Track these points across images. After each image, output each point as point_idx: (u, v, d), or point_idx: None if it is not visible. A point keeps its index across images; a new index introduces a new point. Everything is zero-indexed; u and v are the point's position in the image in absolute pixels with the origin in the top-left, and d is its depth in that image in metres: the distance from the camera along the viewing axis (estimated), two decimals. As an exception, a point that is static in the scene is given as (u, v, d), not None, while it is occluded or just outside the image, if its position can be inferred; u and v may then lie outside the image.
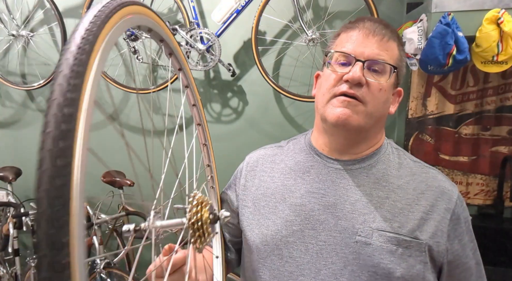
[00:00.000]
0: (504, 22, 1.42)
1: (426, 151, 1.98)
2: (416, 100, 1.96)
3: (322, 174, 0.81)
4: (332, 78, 0.76)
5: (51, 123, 0.30)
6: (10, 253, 2.20)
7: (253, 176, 0.90)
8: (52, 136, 0.30)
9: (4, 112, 2.59)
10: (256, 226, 0.84)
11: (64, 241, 0.28)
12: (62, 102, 0.30)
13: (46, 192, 0.28)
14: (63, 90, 0.31)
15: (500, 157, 1.86)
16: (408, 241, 0.73)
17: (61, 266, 0.28)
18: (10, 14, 2.29)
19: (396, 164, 0.81)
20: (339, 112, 0.73)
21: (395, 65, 0.76)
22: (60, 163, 0.29)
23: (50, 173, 0.28)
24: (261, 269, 0.82)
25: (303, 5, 1.96)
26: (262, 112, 2.18)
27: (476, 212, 1.95)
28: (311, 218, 0.78)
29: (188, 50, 2.01)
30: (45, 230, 0.27)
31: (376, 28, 0.75)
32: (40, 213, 0.28)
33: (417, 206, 0.76)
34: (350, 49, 0.74)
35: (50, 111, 0.30)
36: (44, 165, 0.29)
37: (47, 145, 0.29)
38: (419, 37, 1.56)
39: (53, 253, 0.27)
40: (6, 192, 2.41)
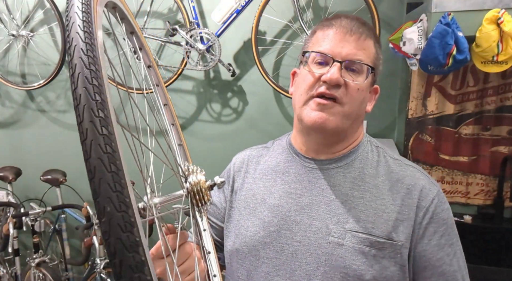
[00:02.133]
0: (504, 22, 1.42)
1: (426, 151, 1.98)
2: (416, 100, 1.96)
3: (300, 174, 0.81)
4: (309, 79, 0.75)
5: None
6: (10, 253, 2.20)
7: (238, 177, 0.90)
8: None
9: (4, 112, 2.59)
10: (237, 228, 0.84)
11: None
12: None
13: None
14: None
15: (500, 157, 1.86)
16: (382, 242, 0.72)
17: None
18: (10, 14, 2.29)
19: (374, 163, 0.80)
20: (316, 116, 0.73)
21: (372, 64, 0.75)
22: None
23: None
24: (239, 269, 0.82)
25: (303, 5, 1.96)
26: (262, 112, 2.18)
27: (476, 212, 1.95)
28: (288, 218, 0.78)
29: (188, 50, 2.01)
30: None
31: (353, 26, 0.73)
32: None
33: (392, 206, 0.75)
34: (327, 49, 0.73)
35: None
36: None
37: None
38: (419, 37, 1.56)
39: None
40: (6, 192, 2.41)
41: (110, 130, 0.32)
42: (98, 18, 0.39)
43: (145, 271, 0.31)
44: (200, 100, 2.28)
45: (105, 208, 0.31)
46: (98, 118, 0.32)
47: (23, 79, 2.50)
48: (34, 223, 2.17)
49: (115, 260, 0.30)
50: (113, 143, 0.32)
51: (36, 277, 2.17)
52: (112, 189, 0.31)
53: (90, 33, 0.35)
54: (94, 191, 0.31)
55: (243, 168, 0.91)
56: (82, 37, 0.35)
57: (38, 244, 2.20)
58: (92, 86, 0.33)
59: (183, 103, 2.29)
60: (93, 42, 0.35)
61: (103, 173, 0.31)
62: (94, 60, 0.34)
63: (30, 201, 2.46)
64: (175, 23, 2.09)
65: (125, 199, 0.31)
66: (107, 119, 0.33)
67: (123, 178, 0.32)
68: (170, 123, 0.78)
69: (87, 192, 2.35)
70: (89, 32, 0.36)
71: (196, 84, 2.26)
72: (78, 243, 2.57)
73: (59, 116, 2.49)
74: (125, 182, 0.32)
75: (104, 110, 0.33)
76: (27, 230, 2.20)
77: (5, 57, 2.49)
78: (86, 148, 0.31)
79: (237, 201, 0.88)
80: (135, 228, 0.32)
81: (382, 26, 1.79)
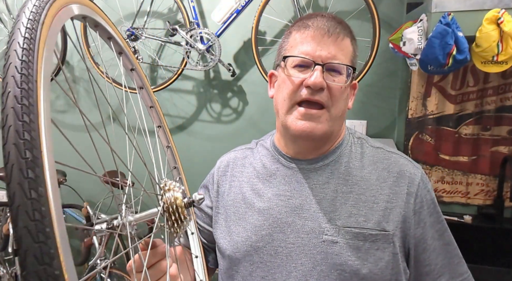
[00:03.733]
0: (504, 22, 1.42)
1: (426, 151, 1.98)
2: (416, 100, 1.96)
3: (288, 176, 0.81)
4: (290, 84, 0.74)
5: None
6: (10, 253, 2.20)
7: (224, 181, 0.89)
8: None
9: (4, 112, 2.59)
10: (228, 234, 0.83)
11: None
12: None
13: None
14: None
15: (500, 157, 1.86)
16: (375, 234, 0.73)
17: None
18: (10, 14, 2.29)
19: (358, 155, 0.81)
20: (303, 125, 0.73)
21: (352, 63, 0.75)
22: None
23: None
24: (235, 275, 0.81)
25: (303, 5, 1.96)
26: (262, 112, 2.18)
27: (476, 212, 1.95)
28: (279, 221, 0.78)
29: (188, 50, 2.01)
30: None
31: (330, 26, 0.73)
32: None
33: (381, 195, 0.75)
34: (306, 52, 0.72)
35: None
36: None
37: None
38: (419, 37, 1.56)
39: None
40: (6, 192, 2.41)
41: (40, 192, 0.29)
42: (44, 53, 0.35)
43: None
44: (200, 100, 2.28)
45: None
46: (27, 179, 0.29)
47: (23, 79, 2.50)
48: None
49: None
50: (42, 207, 0.29)
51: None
52: (39, 262, 0.28)
53: (28, 76, 0.32)
54: (20, 264, 0.28)
55: (228, 172, 0.89)
56: (18, 82, 0.31)
57: (38, 244, 2.20)
58: (23, 141, 0.29)
59: (183, 103, 2.29)
60: (30, 87, 0.32)
61: (30, 244, 0.28)
62: (29, 109, 0.31)
63: (30, 201, 2.45)
64: (175, 23, 2.09)
65: (53, 272, 0.28)
66: (37, 179, 0.29)
67: (53, 247, 0.28)
68: (157, 126, 0.76)
69: (87, 192, 2.35)
70: (27, 74, 0.32)
71: (196, 84, 2.26)
72: (77, 243, 2.57)
73: (58, 116, 2.49)
74: (56, 251, 0.29)
75: (35, 169, 0.29)
76: (27, 230, 2.20)
77: (5, 57, 2.48)
78: (12, 214, 0.29)
79: (224, 206, 0.86)
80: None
81: (382, 26, 1.79)
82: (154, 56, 2.24)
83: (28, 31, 0.34)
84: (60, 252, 0.29)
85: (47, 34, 0.36)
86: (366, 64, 1.81)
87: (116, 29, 0.60)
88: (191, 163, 1.68)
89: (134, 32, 2.06)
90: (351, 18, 1.93)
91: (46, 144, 0.31)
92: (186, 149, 2.30)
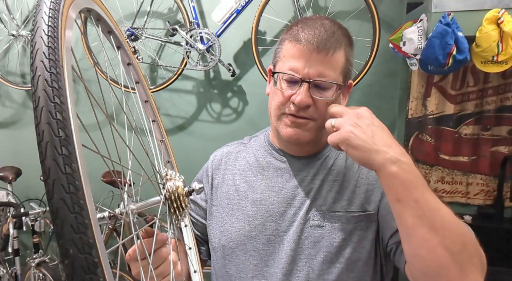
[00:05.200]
0: (504, 22, 1.42)
1: (426, 151, 1.98)
2: (416, 100, 1.95)
3: (280, 169, 0.86)
4: (280, 96, 0.78)
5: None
6: (10, 253, 2.20)
7: (218, 175, 0.93)
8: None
9: (4, 112, 2.59)
10: (221, 224, 0.87)
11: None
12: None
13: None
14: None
15: (500, 157, 1.86)
16: (357, 216, 0.78)
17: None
18: (10, 14, 2.29)
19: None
20: (290, 132, 0.78)
21: (340, 75, 0.77)
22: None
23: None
24: (228, 265, 0.85)
25: (303, 5, 1.96)
26: (262, 112, 2.18)
27: (476, 212, 1.95)
28: (272, 211, 0.82)
29: (188, 50, 2.01)
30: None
31: (320, 42, 0.73)
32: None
33: (362, 179, 0.81)
34: (295, 68, 0.75)
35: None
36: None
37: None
38: (419, 37, 1.56)
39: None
40: (6, 192, 2.41)
41: (73, 167, 0.31)
42: (65, 38, 0.38)
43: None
44: (200, 100, 2.28)
45: (68, 250, 0.30)
46: (61, 156, 0.31)
47: (23, 79, 2.50)
48: (34, 223, 2.16)
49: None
50: (76, 181, 0.31)
51: (36, 277, 2.17)
52: (75, 231, 0.30)
53: (56, 61, 0.34)
54: (57, 233, 0.30)
55: (221, 165, 0.94)
56: (47, 66, 0.33)
57: (38, 244, 2.20)
58: (56, 121, 0.32)
59: (183, 103, 2.29)
60: (58, 71, 0.34)
61: (65, 214, 0.30)
62: (59, 92, 0.33)
63: (30, 201, 2.46)
64: (175, 23, 2.09)
65: (88, 240, 0.30)
66: (71, 156, 0.31)
67: (86, 218, 0.31)
68: (151, 120, 0.78)
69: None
70: (55, 59, 0.34)
71: (196, 84, 2.26)
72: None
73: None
74: (89, 221, 0.31)
75: (68, 146, 0.31)
76: (27, 230, 2.20)
77: (5, 57, 2.49)
78: (48, 188, 0.30)
79: (218, 198, 0.90)
80: (99, 269, 0.30)
81: (382, 26, 1.79)
82: (154, 56, 2.24)
83: (51, 20, 0.36)
84: (92, 223, 0.31)
85: (66, 24, 0.38)
86: (366, 64, 1.81)
87: (116, 23, 0.62)
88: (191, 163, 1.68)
89: (134, 32, 2.06)
90: (351, 18, 1.93)
91: (74, 125, 0.33)
92: (186, 149, 2.30)
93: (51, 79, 0.33)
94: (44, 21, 0.36)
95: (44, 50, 0.34)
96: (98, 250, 0.31)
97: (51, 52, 0.34)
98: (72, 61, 0.38)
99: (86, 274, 0.29)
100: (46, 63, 0.33)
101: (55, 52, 0.35)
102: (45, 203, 2.30)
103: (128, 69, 0.71)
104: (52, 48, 0.34)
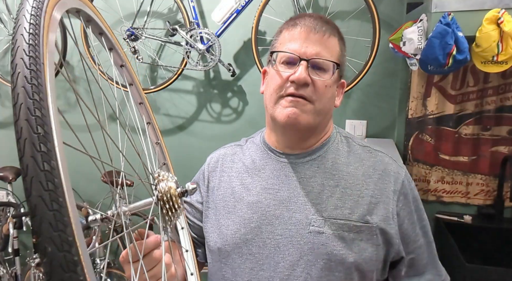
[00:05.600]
0: (504, 22, 1.42)
1: (426, 151, 1.98)
2: (416, 100, 1.96)
3: (276, 170, 0.84)
4: (278, 79, 0.77)
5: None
6: (10, 253, 2.20)
7: (214, 177, 0.92)
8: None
9: (4, 112, 2.59)
10: (217, 227, 0.86)
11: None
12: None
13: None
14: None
15: (500, 157, 1.86)
16: (359, 226, 0.76)
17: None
18: (10, 14, 2.29)
19: (345, 152, 0.84)
20: (289, 111, 0.75)
21: (337, 61, 0.78)
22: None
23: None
24: (224, 268, 0.84)
25: (303, 5, 1.96)
26: (262, 112, 2.18)
27: (476, 212, 1.95)
28: (267, 213, 0.81)
29: (188, 50, 2.01)
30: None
31: (317, 25, 0.76)
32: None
33: (366, 190, 0.79)
34: (293, 48, 0.76)
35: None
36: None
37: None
38: (419, 37, 1.56)
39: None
40: (6, 192, 2.41)
41: (52, 164, 0.31)
42: (49, 35, 0.37)
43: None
44: (200, 100, 2.28)
45: (46, 249, 0.29)
46: (39, 152, 0.30)
47: (23, 79, 2.50)
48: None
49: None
50: (55, 179, 0.30)
51: (36, 277, 2.17)
52: (54, 229, 0.29)
53: (36, 58, 0.34)
54: (35, 231, 0.30)
55: (218, 168, 0.92)
56: (27, 64, 0.33)
57: (38, 244, 2.20)
58: (34, 117, 0.31)
59: (183, 103, 2.29)
60: (38, 68, 0.34)
61: (43, 212, 0.29)
62: (39, 89, 0.33)
63: (30, 201, 2.45)
64: (175, 23, 2.09)
65: (67, 238, 0.29)
66: (49, 153, 0.31)
67: (66, 215, 0.30)
68: (146, 122, 0.77)
69: (87, 192, 2.36)
70: (35, 56, 0.34)
71: (196, 84, 2.26)
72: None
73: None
74: (68, 219, 0.30)
75: (47, 143, 0.31)
76: (27, 230, 2.20)
77: (5, 57, 2.49)
78: (26, 185, 0.30)
79: (214, 201, 0.89)
80: (79, 267, 0.30)
81: (382, 26, 1.79)
82: (154, 56, 2.24)
83: (33, 17, 0.36)
84: (72, 221, 0.30)
85: (49, 22, 0.38)
86: (366, 64, 1.81)
87: (107, 25, 0.61)
88: (190, 163, 1.68)
89: (134, 32, 2.06)
90: (351, 18, 1.93)
91: (55, 122, 0.33)
92: (185, 149, 2.30)
93: (31, 76, 0.33)
94: (26, 19, 0.36)
95: (24, 47, 0.34)
96: (78, 248, 0.30)
97: (31, 49, 0.34)
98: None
99: (65, 272, 0.29)
100: (26, 60, 0.33)
101: (35, 49, 0.34)
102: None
103: (122, 71, 0.70)
104: (33, 46, 0.34)
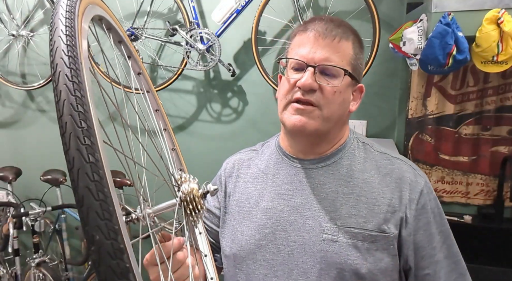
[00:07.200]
0: (504, 22, 1.42)
1: (426, 151, 1.98)
2: (416, 100, 1.96)
3: (290, 175, 0.83)
4: (286, 85, 0.77)
5: None
6: (10, 253, 2.20)
7: (230, 182, 0.91)
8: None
9: (4, 112, 2.59)
10: (233, 232, 0.85)
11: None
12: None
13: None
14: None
15: (500, 157, 1.86)
16: (374, 235, 0.74)
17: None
18: (10, 14, 2.29)
19: (361, 159, 0.81)
20: (295, 119, 0.75)
21: (348, 66, 0.75)
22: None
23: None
24: (238, 274, 0.83)
25: (303, 5, 1.96)
26: (262, 112, 2.18)
27: (476, 212, 1.95)
28: (282, 219, 0.79)
29: (188, 50, 2.01)
30: None
31: (326, 29, 0.74)
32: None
33: (383, 199, 0.76)
34: (301, 55, 0.75)
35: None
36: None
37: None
38: (419, 37, 1.56)
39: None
40: (6, 192, 2.41)
41: (96, 156, 0.32)
42: (82, 38, 0.40)
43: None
44: (200, 100, 2.28)
45: (94, 237, 0.30)
46: (84, 145, 0.32)
47: (23, 79, 2.50)
48: (34, 223, 2.16)
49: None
50: (100, 170, 0.32)
51: (36, 277, 2.17)
52: (101, 218, 0.31)
53: (74, 58, 0.36)
54: (82, 220, 0.31)
55: (234, 173, 0.92)
56: (67, 63, 0.35)
57: (38, 244, 2.20)
58: (77, 113, 0.33)
59: (183, 103, 2.29)
60: (78, 67, 0.36)
61: (91, 201, 0.31)
62: (80, 86, 0.35)
63: (30, 201, 2.46)
64: (175, 23, 2.09)
65: (113, 226, 0.31)
66: (93, 146, 0.32)
67: (111, 204, 0.32)
68: (163, 129, 0.78)
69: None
70: (74, 56, 0.36)
71: (196, 84, 2.26)
72: (78, 243, 2.57)
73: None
74: (113, 208, 0.32)
75: (90, 137, 0.33)
76: (27, 230, 2.20)
77: (5, 57, 2.49)
78: (73, 177, 0.31)
79: (230, 206, 0.88)
80: (125, 255, 0.31)
81: (382, 26, 1.79)
82: (154, 56, 2.24)
83: (68, 21, 0.39)
84: (116, 210, 0.32)
85: (81, 25, 0.41)
86: (366, 64, 1.81)
87: (125, 34, 0.63)
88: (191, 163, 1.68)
89: (134, 32, 2.06)
90: (351, 18, 1.93)
91: (95, 118, 0.35)
92: (186, 149, 2.30)
93: (71, 74, 0.35)
94: (62, 22, 0.38)
95: (63, 48, 0.36)
96: (123, 236, 0.32)
97: (69, 49, 0.36)
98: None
99: (112, 259, 0.30)
100: (66, 60, 0.36)
101: (73, 49, 0.37)
102: (45, 203, 2.30)
103: (139, 78, 0.72)
104: (70, 46, 0.37)
